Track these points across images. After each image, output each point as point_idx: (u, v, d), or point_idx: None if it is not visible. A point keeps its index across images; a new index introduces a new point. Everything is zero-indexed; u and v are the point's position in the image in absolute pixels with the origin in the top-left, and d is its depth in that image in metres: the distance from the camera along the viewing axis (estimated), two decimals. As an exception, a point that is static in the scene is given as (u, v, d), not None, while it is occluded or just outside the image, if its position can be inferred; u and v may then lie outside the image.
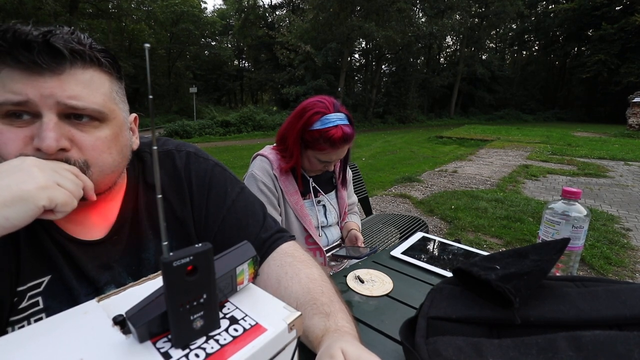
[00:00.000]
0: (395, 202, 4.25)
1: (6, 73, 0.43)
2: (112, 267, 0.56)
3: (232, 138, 12.15)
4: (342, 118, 1.05)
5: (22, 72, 0.43)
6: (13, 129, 0.45)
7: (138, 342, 0.29)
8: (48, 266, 0.51)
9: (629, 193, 4.63)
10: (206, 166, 0.66)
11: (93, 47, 0.49)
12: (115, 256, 0.57)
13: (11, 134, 0.44)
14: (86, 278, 0.54)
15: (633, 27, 19.61)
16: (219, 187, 0.65)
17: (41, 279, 0.51)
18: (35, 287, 0.50)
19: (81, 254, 0.53)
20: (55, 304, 0.51)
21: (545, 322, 0.46)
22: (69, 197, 0.43)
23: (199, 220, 0.63)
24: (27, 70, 0.43)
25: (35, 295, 0.50)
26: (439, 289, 0.58)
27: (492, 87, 28.44)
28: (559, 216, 0.78)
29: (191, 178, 0.63)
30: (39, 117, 0.45)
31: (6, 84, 0.43)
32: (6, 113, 0.44)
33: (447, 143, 10.37)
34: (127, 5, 16.37)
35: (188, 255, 0.27)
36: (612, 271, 2.46)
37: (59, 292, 0.52)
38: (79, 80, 0.47)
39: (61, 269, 0.52)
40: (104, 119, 0.50)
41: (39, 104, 0.44)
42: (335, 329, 0.47)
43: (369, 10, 16.48)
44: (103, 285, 0.55)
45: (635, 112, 13.76)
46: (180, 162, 0.64)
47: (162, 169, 0.62)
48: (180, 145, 0.66)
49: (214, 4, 65.24)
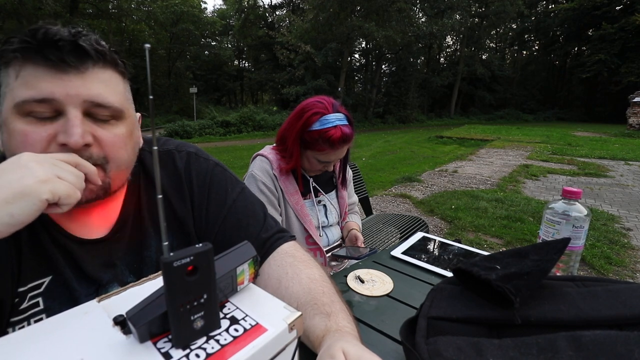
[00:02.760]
0: (395, 202, 4.25)
1: (29, 70, 0.44)
2: (115, 265, 0.57)
3: (232, 138, 12.15)
4: (341, 118, 1.05)
5: (47, 69, 0.44)
6: (36, 129, 0.45)
7: (138, 342, 0.29)
8: (49, 267, 0.52)
9: (629, 193, 4.63)
10: (207, 166, 0.66)
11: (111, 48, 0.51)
12: (118, 254, 0.57)
13: (35, 134, 0.45)
14: (87, 278, 0.54)
15: (633, 27, 19.60)
16: (220, 187, 0.65)
17: (42, 280, 0.51)
18: (36, 288, 0.50)
19: (84, 253, 0.54)
20: (55, 304, 0.51)
21: (545, 322, 0.46)
22: (71, 188, 0.42)
23: (199, 220, 0.63)
24: (54, 68, 0.44)
25: (35, 296, 0.50)
26: (439, 289, 0.58)
27: (492, 87, 28.42)
28: (559, 216, 0.78)
29: (192, 178, 0.63)
30: (60, 115, 0.46)
31: (29, 81, 0.44)
32: (27, 112, 0.45)
33: (447, 143, 10.37)
34: (127, 6, 16.39)
35: (188, 255, 0.27)
36: (613, 271, 2.45)
37: (59, 293, 0.52)
38: (100, 79, 0.48)
39: (62, 269, 0.52)
40: (120, 116, 0.51)
41: (64, 101, 0.45)
42: (337, 329, 0.47)
43: (369, 10, 16.47)
44: (106, 284, 0.55)
45: (635, 112, 13.75)
46: (181, 162, 0.64)
47: (162, 168, 0.62)
48: (180, 145, 0.67)
49: (214, 4, 65.32)
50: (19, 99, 0.44)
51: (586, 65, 23.19)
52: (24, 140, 0.45)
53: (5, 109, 0.46)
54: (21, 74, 0.44)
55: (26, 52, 0.44)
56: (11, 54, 0.44)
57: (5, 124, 0.46)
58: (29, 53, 0.44)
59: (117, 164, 0.51)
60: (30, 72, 0.44)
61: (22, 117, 0.45)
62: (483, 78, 25.92)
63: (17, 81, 0.44)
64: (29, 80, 0.44)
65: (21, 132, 0.45)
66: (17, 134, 0.45)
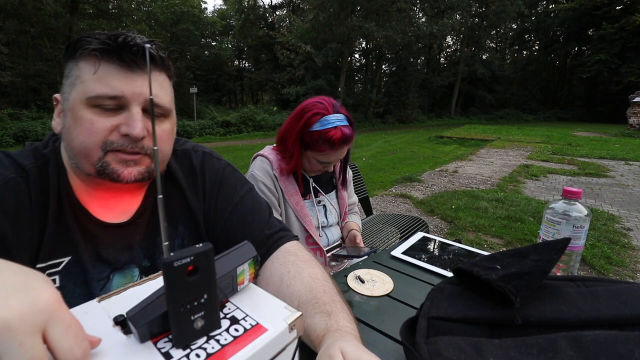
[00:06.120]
0: (395, 202, 4.24)
1: (105, 69, 0.51)
2: (132, 248, 0.62)
3: (233, 138, 12.15)
4: (342, 119, 1.05)
5: (120, 69, 0.51)
6: (102, 119, 0.51)
7: (139, 342, 0.29)
8: (69, 248, 0.55)
9: (629, 193, 4.62)
10: (219, 165, 0.72)
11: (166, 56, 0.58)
12: (136, 238, 0.62)
13: (101, 123, 0.51)
14: (103, 261, 0.58)
15: (633, 27, 19.58)
16: (229, 184, 0.71)
17: (61, 259, 0.54)
18: (55, 266, 0.54)
19: (106, 236, 0.59)
20: (70, 284, 0.55)
21: (545, 322, 0.46)
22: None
23: (208, 212, 0.68)
24: (126, 68, 0.51)
25: (53, 273, 0.54)
26: (440, 289, 0.58)
27: (493, 87, 28.43)
28: (559, 216, 0.78)
29: (205, 175, 0.70)
30: (123, 108, 0.53)
31: (104, 78, 0.51)
32: (96, 104, 0.51)
33: (447, 143, 10.37)
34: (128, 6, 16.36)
35: (189, 255, 0.27)
36: (613, 271, 2.45)
37: (75, 273, 0.56)
38: (158, 81, 0.56)
39: (81, 252, 0.56)
40: (168, 115, 0.59)
41: (130, 99, 0.52)
42: (336, 329, 0.47)
43: (369, 10, 16.47)
44: (122, 265, 0.60)
45: (635, 112, 13.75)
46: (197, 160, 0.70)
47: (180, 165, 0.69)
48: (196, 146, 0.74)
49: (214, 4, 65.34)
50: (93, 93, 0.50)
51: (586, 65, 23.19)
52: (90, 128, 0.51)
53: (74, 98, 0.52)
54: (98, 71, 0.51)
55: (105, 52, 0.50)
56: (90, 52, 0.50)
57: (73, 111, 0.52)
58: (108, 53, 0.50)
59: (163, 157, 0.60)
60: (105, 70, 0.51)
61: (90, 108, 0.51)
62: (483, 78, 25.93)
63: (93, 76, 0.51)
64: (104, 77, 0.51)
65: (89, 120, 0.51)
66: (85, 121, 0.51)
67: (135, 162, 0.54)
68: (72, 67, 0.53)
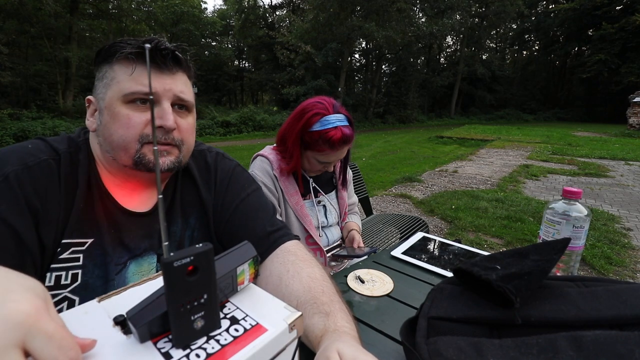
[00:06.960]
0: (395, 202, 4.24)
1: (140, 70, 0.57)
2: (152, 236, 0.66)
3: (233, 138, 12.14)
4: (342, 119, 1.05)
5: (152, 70, 0.58)
6: (137, 113, 0.58)
7: (139, 342, 0.29)
8: (94, 231, 0.60)
9: (629, 193, 4.62)
10: (230, 165, 0.79)
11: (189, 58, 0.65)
12: (157, 226, 0.67)
13: (137, 117, 0.58)
14: (123, 246, 0.63)
15: (633, 27, 19.59)
16: (237, 182, 0.77)
17: (85, 240, 0.59)
18: (80, 245, 0.58)
19: (130, 223, 0.64)
20: (90, 264, 0.59)
21: (546, 322, 0.46)
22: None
23: (216, 206, 0.74)
24: (157, 69, 0.58)
25: (78, 251, 0.58)
26: (440, 289, 0.58)
27: (493, 87, 28.43)
28: (559, 216, 0.78)
29: (217, 172, 0.76)
30: (155, 105, 0.59)
31: (137, 78, 0.57)
32: (131, 100, 0.57)
33: (447, 143, 10.37)
34: (128, 6, 16.34)
35: (189, 255, 0.27)
36: (613, 271, 2.45)
37: (96, 254, 0.60)
38: (183, 80, 0.63)
39: (104, 236, 0.60)
40: (191, 109, 0.66)
41: (161, 95, 0.59)
42: (334, 329, 0.47)
43: (369, 10, 16.46)
44: (142, 252, 0.65)
45: (635, 112, 13.75)
46: (211, 159, 0.78)
47: (196, 163, 0.75)
48: (211, 147, 0.82)
49: (214, 4, 65.33)
50: (129, 90, 0.57)
51: (586, 65, 23.19)
52: (128, 122, 0.57)
53: (110, 97, 0.58)
54: (134, 73, 0.57)
55: (140, 55, 0.57)
56: (127, 56, 0.57)
57: (110, 108, 0.58)
58: (143, 57, 0.57)
59: (187, 146, 0.65)
60: (140, 71, 0.57)
61: (126, 104, 0.57)
62: (483, 78, 25.93)
63: (129, 77, 0.57)
64: (138, 77, 0.57)
65: (126, 115, 0.57)
66: (123, 116, 0.57)
67: (167, 152, 0.61)
68: (107, 70, 0.59)
